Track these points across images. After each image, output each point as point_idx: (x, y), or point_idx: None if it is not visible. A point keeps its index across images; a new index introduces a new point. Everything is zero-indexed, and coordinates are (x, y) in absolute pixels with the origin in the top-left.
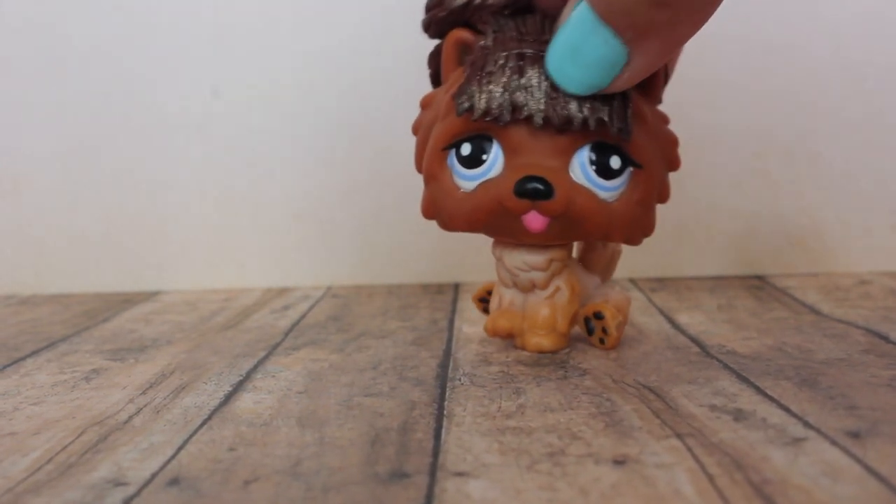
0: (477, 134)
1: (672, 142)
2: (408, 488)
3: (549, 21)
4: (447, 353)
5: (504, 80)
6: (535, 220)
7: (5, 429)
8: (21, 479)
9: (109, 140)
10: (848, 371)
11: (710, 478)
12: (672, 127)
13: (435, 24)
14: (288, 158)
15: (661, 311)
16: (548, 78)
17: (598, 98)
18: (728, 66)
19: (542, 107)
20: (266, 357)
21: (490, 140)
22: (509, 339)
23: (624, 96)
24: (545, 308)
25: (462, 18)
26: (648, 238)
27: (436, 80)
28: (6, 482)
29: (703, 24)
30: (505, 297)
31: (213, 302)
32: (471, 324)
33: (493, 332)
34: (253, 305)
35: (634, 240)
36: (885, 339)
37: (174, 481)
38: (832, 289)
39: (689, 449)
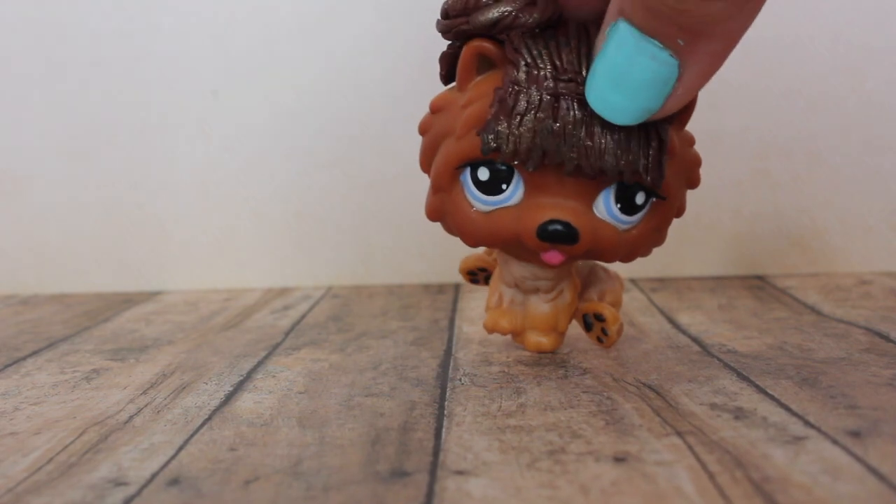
0: (501, 162)
1: (695, 163)
2: (408, 487)
3: (587, 51)
4: (448, 352)
5: (535, 123)
6: (554, 258)
7: (6, 429)
8: (21, 478)
9: (110, 140)
10: (848, 370)
11: (711, 475)
12: None
13: (456, 34)
14: (288, 158)
15: (662, 311)
16: (583, 121)
17: (634, 145)
18: (728, 67)
19: (573, 155)
20: (267, 357)
21: (511, 171)
22: (507, 335)
23: (660, 141)
24: (547, 308)
25: (488, 34)
26: None
27: (448, 80)
28: (7, 482)
29: (758, 13)
30: (506, 295)
31: (213, 302)
32: (471, 324)
33: (492, 331)
34: (253, 305)
35: (645, 255)
36: (886, 338)
37: (174, 481)
38: (832, 289)
39: (690, 447)
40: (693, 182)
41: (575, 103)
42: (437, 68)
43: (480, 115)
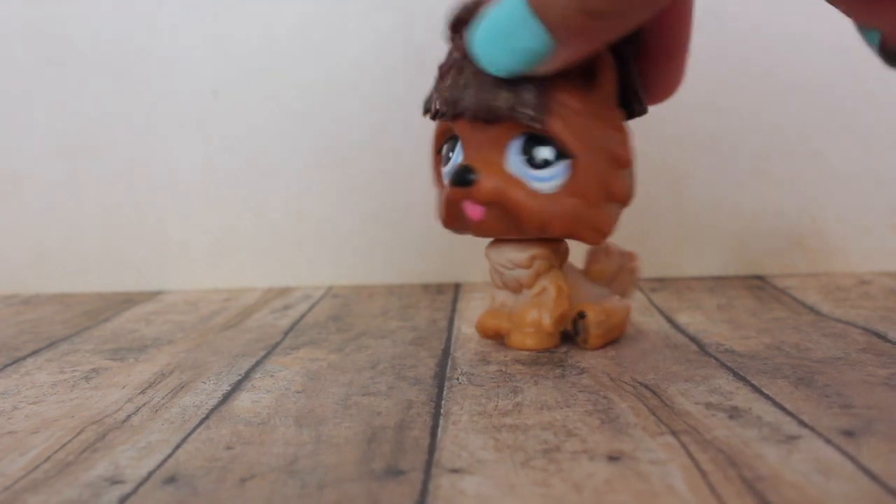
0: (451, 135)
1: (620, 135)
2: (402, 484)
3: None
4: (446, 352)
5: (449, 80)
6: (470, 209)
7: (4, 427)
8: (19, 477)
9: (110, 140)
10: (845, 370)
11: (704, 474)
12: (673, 127)
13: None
14: (288, 158)
15: (661, 311)
16: (480, 76)
17: (521, 90)
18: (728, 67)
19: (472, 101)
20: (265, 357)
21: (456, 139)
22: (497, 338)
23: (541, 87)
24: (530, 307)
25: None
26: (649, 238)
27: None
28: (4, 480)
29: (633, 27)
30: (497, 297)
31: (213, 302)
32: (470, 324)
33: (481, 332)
34: (253, 305)
35: (582, 235)
36: (884, 338)
37: (170, 479)
38: (832, 289)
39: (684, 446)
40: (621, 157)
41: (476, 69)
42: (436, 69)
43: None
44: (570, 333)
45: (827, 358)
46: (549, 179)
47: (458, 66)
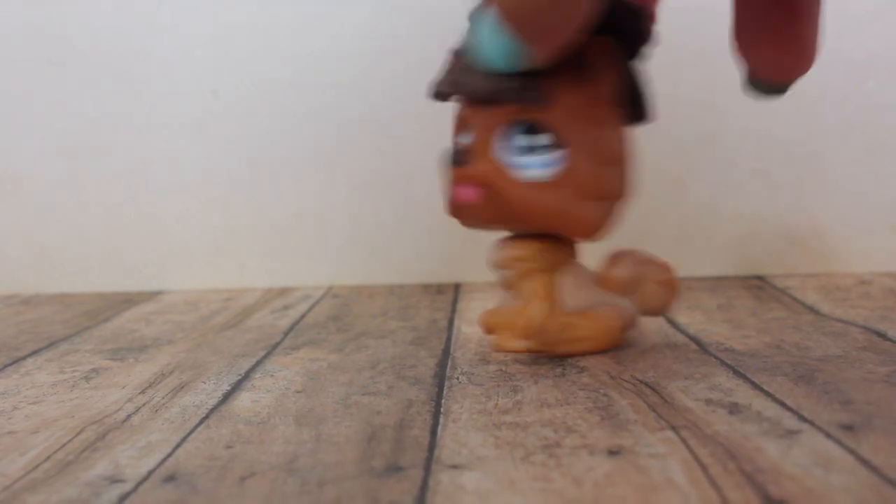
0: (465, 123)
1: (618, 131)
2: (402, 481)
3: None
4: (446, 352)
5: (448, 69)
6: (463, 191)
7: (4, 427)
8: (19, 476)
9: (110, 141)
10: (844, 367)
11: (703, 467)
12: (673, 128)
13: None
14: (288, 159)
15: None
16: (479, 68)
17: (524, 76)
18: (728, 68)
19: (478, 83)
20: (265, 356)
21: (465, 125)
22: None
23: (542, 77)
24: (512, 307)
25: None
26: (649, 238)
27: None
28: (4, 480)
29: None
30: (501, 296)
31: (214, 302)
32: (470, 324)
33: (481, 327)
34: (254, 305)
35: (569, 229)
36: (884, 336)
37: (170, 478)
38: (832, 289)
39: (684, 440)
40: (613, 156)
41: (472, 59)
42: (436, 69)
43: None
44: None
45: (827, 356)
46: (539, 167)
47: (455, 57)
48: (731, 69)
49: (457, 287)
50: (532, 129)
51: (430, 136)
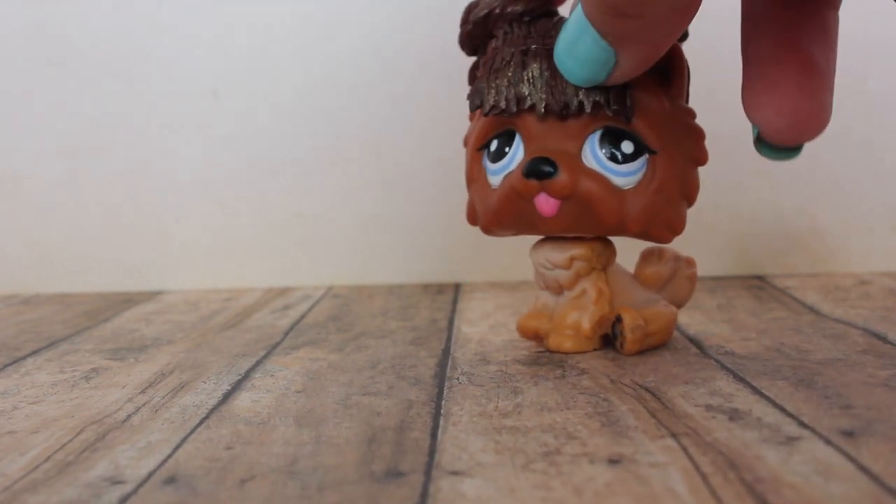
0: (504, 130)
1: (696, 133)
2: (402, 487)
3: (561, 22)
4: (446, 352)
5: (509, 74)
6: (545, 203)
7: (4, 427)
8: (19, 477)
9: (110, 140)
10: (845, 371)
11: (704, 476)
12: None
13: (467, 40)
14: (288, 158)
15: None
16: (549, 69)
17: (597, 86)
18: (728, 67)
19: (543, 95)
20: (265, 356)
21: (513, 134)
22: (536, 339)
23: (621, 84)
24: (570, 310)
25: (487, 30)
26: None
27: None
28: (4, 480)
29: (680, 31)
30: (540, 298)
31: (214, 302)
32: (470, 324)
33: (521, 333)
34: (254, 305)
35: (657, 233)
36: (884, 339)
37: (170, 479)
38: (832, 289)
39: (684, 448)
40: (698, 156)
41: (542, 55)
42: (436, 69)
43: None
44: (609, 337)
45: (827, 359)
46: (628, 175)
47: (519, 60)
48: (731, 69)
49: (457, 287)
50: (618, 137)
51: (431, 136)
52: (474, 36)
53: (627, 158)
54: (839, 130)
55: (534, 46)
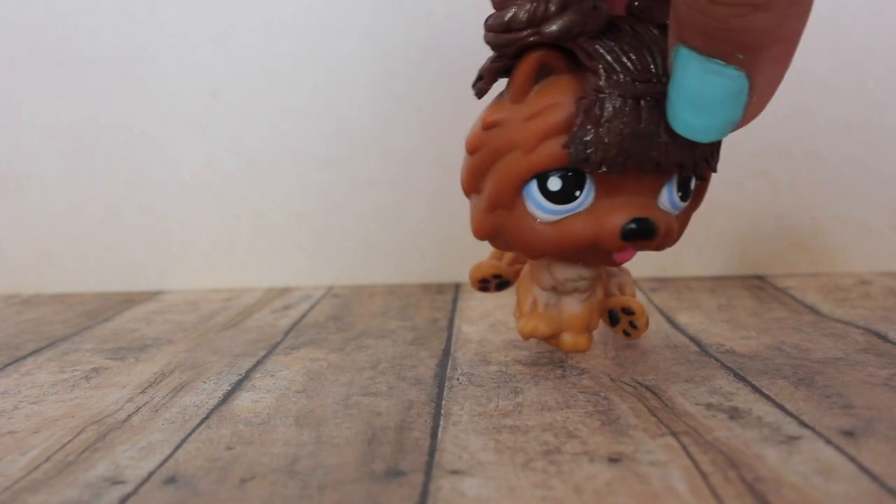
0: (571, 169)
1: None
2: (403, 486)
3: (656, 49)
4: (446, 352)
5: (623, 127)
6: (627, 255)
7: (4, 427)
8: (19, 477)
9: (111, 140)
10: (845, 370)
11: (704, 475)
12: None
13: (520, 47)
14: (288, 158)
15: (661, 311)
16: (660, 120)
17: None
18: None
19: (654, 154)
20: (266, 356)
21: (584, 176)
22: (550, 340)
23: None
24: (581, 308)
25: (556, 44)
26: None
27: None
28: (4, 480)
29: (810, 10)
30: (541, 299)
31: (214, 301)
32: (470, 323)
33: (529, 336)
34: (254, 305)
35: (673, 243)
36: (884, 338)
37: (171, 479)
38: (832, 289)
39: (684, 447)
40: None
41: (653, 103)
42: (435, 69)
43: (558, 125)
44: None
45: (827, 358)
46: (685, 203)
47: (634, 111)
48: None
49: (457, 287)
50: (689, 176)
51: (430, 136)
52: (533, 46)
53: (690, 194)
54: (839, 130)
55: (642, 91)
